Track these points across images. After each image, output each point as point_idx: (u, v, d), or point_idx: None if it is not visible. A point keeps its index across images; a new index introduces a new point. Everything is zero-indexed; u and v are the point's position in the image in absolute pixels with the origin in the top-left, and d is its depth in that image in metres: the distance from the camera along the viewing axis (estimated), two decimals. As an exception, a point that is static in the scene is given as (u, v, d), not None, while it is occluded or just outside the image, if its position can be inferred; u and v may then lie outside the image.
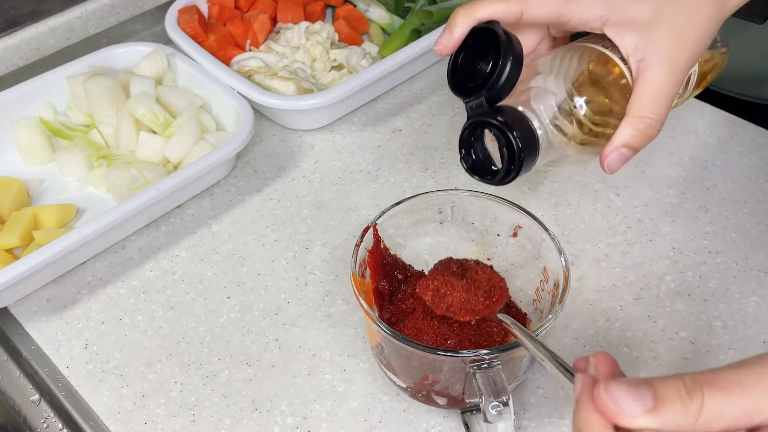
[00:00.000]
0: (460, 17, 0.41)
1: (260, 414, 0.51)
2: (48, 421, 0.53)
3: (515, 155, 0.42)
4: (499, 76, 0.40)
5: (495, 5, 0.41)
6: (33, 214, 0.62)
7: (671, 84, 0.43)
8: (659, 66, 0.42)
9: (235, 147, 0.64)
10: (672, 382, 0.29)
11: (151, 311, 0.58)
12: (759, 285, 0.59)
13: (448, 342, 0.48)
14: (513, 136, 0.41)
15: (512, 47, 0.40)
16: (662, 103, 0.43)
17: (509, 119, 0.42)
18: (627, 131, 0.44)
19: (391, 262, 0.53)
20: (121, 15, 0.88)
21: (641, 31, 0.42)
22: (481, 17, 0.41)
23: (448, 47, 0.41)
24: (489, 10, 0.41)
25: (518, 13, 0.40)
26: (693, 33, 0.43)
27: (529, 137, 0.42)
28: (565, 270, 0.48)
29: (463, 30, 0.41)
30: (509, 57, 0.39)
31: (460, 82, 0.43)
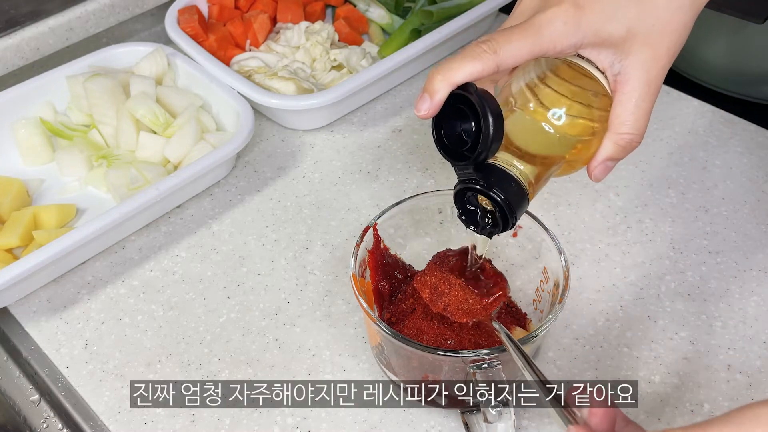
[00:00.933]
0: (438, 83, 0.41)
1: (260, 414, 0.51)
2: (48, 421, 0.53)
3: (506, 213, 0.43)
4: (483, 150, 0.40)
5: (470, 66, 0.41)
6: (33, 214, 0.62)
7: (648, 97, 0.43)
8: (636, 81, 0.43)
9: (235, 147, 0.64)
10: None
11: (151, 311, 0.58)
12: (759, 285, 0.59)
13: (448, 342, 0.48)
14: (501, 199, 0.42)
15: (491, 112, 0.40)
16: (641, 117, 0.44)
17: (494, 183, 0.42)
18: (609, 147, 0.44)
19: (391, 262, 0.53)
20: (121, 15, 0.88)
21: (615, 48, 0.43)
22: (459, 81, 0.41)
23: (429, 113, 0.42)
24: (467, 72, 0.40)
25: (494, 68, 0.41)
26: (667, 41, 0.43)
27: (516, 194, 0.43)
28: (565, 270, 0.48)
29: (443, 95, 0.41)
30: (489, 122, 0.40)
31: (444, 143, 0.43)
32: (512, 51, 0.41)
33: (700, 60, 0.82)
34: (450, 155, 0.43)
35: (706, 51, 0.81)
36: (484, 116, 0.39)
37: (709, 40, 0.79)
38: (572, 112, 0.44)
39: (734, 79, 0.81)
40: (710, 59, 0.81)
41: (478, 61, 0.40)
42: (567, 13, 0.41)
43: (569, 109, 0.44)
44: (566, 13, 0.41)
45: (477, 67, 0.40)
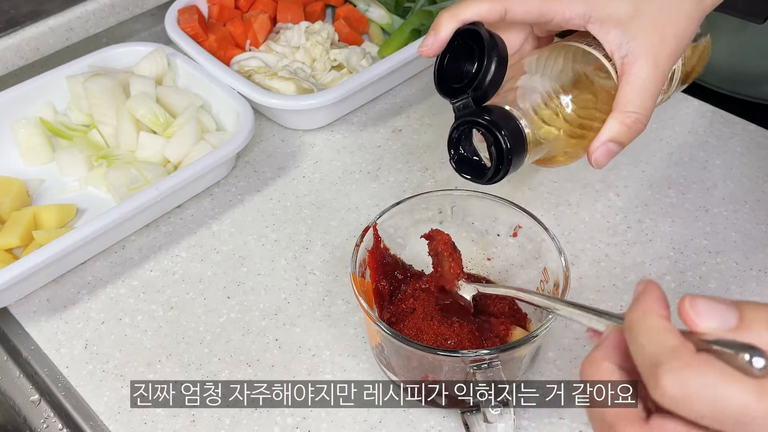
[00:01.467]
0: (445, 19, 0.42)
1: (260, 414, 0.51)
2: (48, 421, 0.53)
3: (503, 153, 0.42)
4: (484, 76, 0.40)
5: (479, 6, 0.41)
6: (33, 214, 0.62)
7: (656, 79, 0.43)
8: (643, 61, 0.43)
9: (235, 147, 0.64)
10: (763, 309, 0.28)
11: (151, 311, 0.58)
12: (759, 285, 0.59)
13: (448, 342, 0.48)
14: (500, 134, 0.41)
15: (496, 47, 0.40)
16: (648, 98, 0.43)
17: (496, 118, 0.42)
18: (614, 126, 0.44)
19: (391, 262, 0.53)
20: (121, 15, 0.88)
21: (623, 27, 0.43)
22: (466, 18, 0.41)
23: (432, 49, 0.42)
24: (473, 10, 0.41)
25: (501, 12, 0.41)
26: (674, 28, 0.43)
27: (516, 135, 0.42)
28: (565, 270, 0.48)
29: (449, 31, 0.41)
30: (494, 57, 0.40)
31: (447, 84, 0.43)
32: (522, 2, 0.41)
33: (700, 60, 0.82)
34: (450, 93, 0.43)
35: (706, 51, 0.81)
36: (491, 46, 0.39)
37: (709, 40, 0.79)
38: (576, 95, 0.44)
39: (734, 79, 0.81)
40: (710, 59, 0.81)
41: (486, 1, 0.41)
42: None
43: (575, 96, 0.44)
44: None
45: (484, 7, 0.41)
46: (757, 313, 0.28)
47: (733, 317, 0.28)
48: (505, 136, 0.41)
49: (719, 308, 0.28)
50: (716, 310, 0.28)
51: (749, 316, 0.28)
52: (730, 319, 0.28)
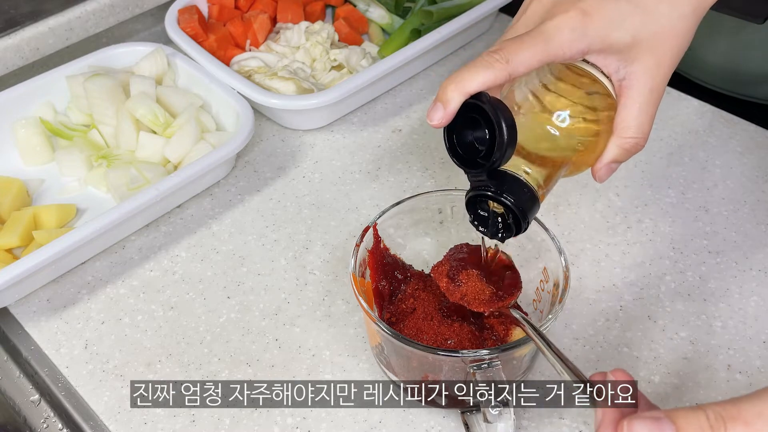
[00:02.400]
0: (451, 92, 0.41)
1: (260, 414, 0.51)
2: (48, 421, 0.53)
3: (519, 220, 0.43)
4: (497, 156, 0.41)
5: (483, 75, 0.41)
6: (33, 214, 0.62)
7: (652, 102, 0.45)
8: (641, 85, 0.44)
9: (235, 147, 0.64)
10: (694, 417, 0.30)
11: (151, 311, 0.58)
12: (759, 285, 0.59)
13: (448, 342, 0.48)
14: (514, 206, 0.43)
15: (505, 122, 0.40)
16: (645, 122, 0.45)
17: (506, 190, 0.43)
18: (614, 150, 0.45)
19: (391, 262, 0.53)
20: (121, 15, 0.88)
21: (621, 54, 0.44)
22: (472, 91, 0.41)
23: (442, 123, 0.42)
24: (479, 82, 0.41)
25: (506, 77, 0.41)
26: (671, 46, 0.44)
27: (529, 197, 0.43)
28: (565, 270, 0.48)
29: (456, 105, 0.41)
30: (504, 136, 0.40)
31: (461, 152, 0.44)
32: (523, 59, 0.41)
33: (700, 60, 0.82)
34: (463, 163, 0.43)
35: (706, 51, 0.81)
36: (499, 125, 0.40)
37: (709, 40, 0.79)
38: (577, 115, 0.45)
39: (734, 79, 0.81)
40: (710, 59, 0.81)
41: (490, 70, 0.41)
42: (574, 20, 0.42)
43: (574, 112, 0.45)
44: (573, 20, 0.42)
45: (489, 77, 0.41)
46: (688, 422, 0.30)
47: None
48: (518, 206, 0.43)
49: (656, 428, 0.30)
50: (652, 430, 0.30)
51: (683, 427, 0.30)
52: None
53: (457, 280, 0.48)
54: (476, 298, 0.47)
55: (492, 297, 0.47)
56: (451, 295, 0.48)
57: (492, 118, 0.40)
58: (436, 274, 0.49)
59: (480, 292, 0.47)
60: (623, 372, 0.35)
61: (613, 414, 0.33)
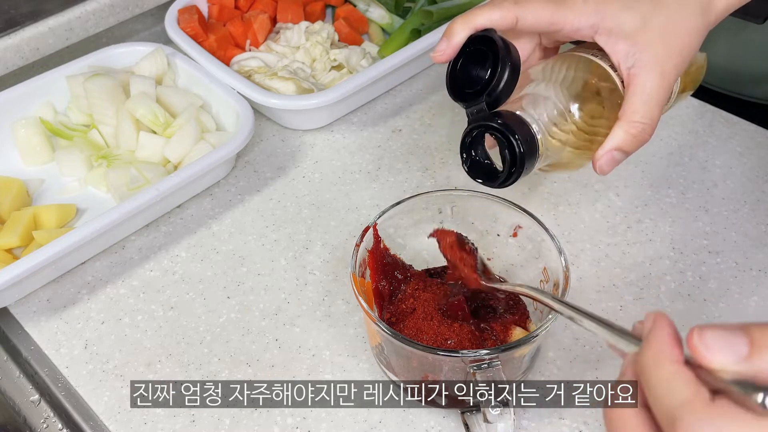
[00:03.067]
0: (458, 25, 0.42)
1: (260, 414, 0.51)
2: (48, 421, 0.53)
3: (516, 157, 0.42)
4: (498, 81, 0.41)
5: (491, 13, 0.42)
6: (33, 214, 0.62)
7: (662, 89, 0.44)
8: (650, 72, 0.44)
9: (235, 147, 0.64)
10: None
11: (151, 311, 0.58)
12: (759, 285, 0.59)
13: (448, 342, 0.48)
14: (514, 138, 0.42)
15: (510, 53, 0.41)
16: (654, 108, 0.44)
17: (510, 122, 0.42)
18: (619, 135, 0.45)
19: (391, 262, 0.53)
20: (121, 15, 0.88)
21: (631, 39, 0.44)
22: (479, 25, 0.42)
23: (446, 54, 0.42)
24: (486, 17, 0.42)
25: (513, 19, 0.42)
26: (680, 40, 0.44)
27: (529, 140, 0.43)
28: (565, 270, 0.48)
29: (462, 37, 0.42)
30: (507, 62, 0.40)
31: (459, 89, 0.44)
32: (533, 10, 0.42)
33: (700, 60, 0.82)
34: (463, 98, 0.43)
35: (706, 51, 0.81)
36: (505, 52, 0.40)
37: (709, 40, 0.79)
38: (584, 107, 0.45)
39: (734, 79, 0.81)
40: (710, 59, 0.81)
41: (498, 9, 0.42)
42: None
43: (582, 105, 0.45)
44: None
45: (496, 14, 0.41)
46: (764, 335, 0.28)
47: (743, 345, 0.28)
48: (519, 140, 0.42)
49: (728, 338, 0.28)
50: (726, 341, 0.28)
51: (759, 340, 0.28)
52: (741, 347, 0.28)
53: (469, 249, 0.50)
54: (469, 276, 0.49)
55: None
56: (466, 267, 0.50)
57: (498, 45, 0.40)
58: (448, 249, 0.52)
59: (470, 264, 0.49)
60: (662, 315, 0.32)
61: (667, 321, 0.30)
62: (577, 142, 0.46)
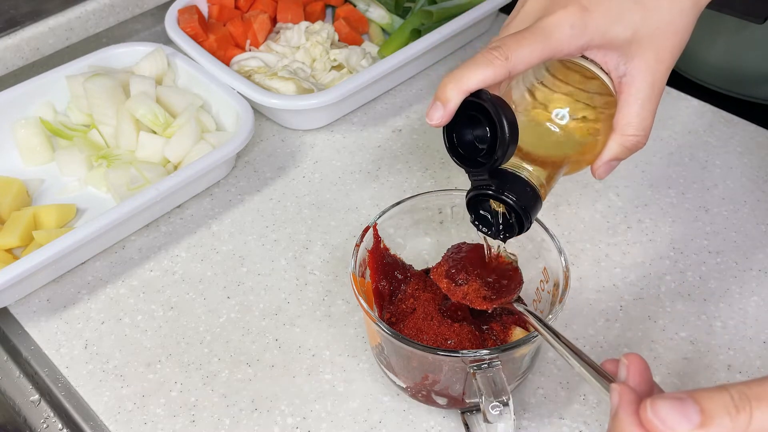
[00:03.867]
0: (451, 90, 0.41)
1: (260, 414, 0.51)
2: (48, 421, 0.53)
3: (522, 217, 0.43)
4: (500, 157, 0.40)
5: (482, 73, 0.40)
6: (33, 214, 0.62)
7: (653, 98, 0.44)
8: (641, 81, 0.44)
9: (235, 147, 0.64)
10: (719, 396, 0.29)
11: (151, 311, 0.58)
12: (759, 285, 0.59)
13: (448, 342, 0.48)
14: (517, 204, 0.43)
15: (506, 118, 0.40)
16: (646, 119, 0.44)
17: (508, 188, 0.43)
18: (614, 148, 0.45)
19: (391, 262, 0.53)
20: (121, 15, 0.88)
21: (621, 50, 0.43)
22: (471, 89, 0.40)
23: (442, 121, 0.42)
24: (478, 79, 0.40)
25: (505, 74, 0.41)
26: (671, 42, 0.44)
27: (530, 197, 0.43)
28: (565, 270, 0.48)
29: (456, 102, 0.41)
30: (506, 133, 0.40)
31: (457, 150, 0.43)
32: (523, 56, 0.41)
33: (700, 60, 0.82)
34: (463, 161, 0.43)
35: (706, 51, 0.81)
36: (500, 123, 0.39)
37: (709, 40, 0.79)
38: (577, 113, 0.45)
39: (734, 79, 0.81)
40: (710, 59, 0.81)
41: (489, 68, 0.40)
42: (574, 16, 0.42)
43: (574, 110, 0.44)
44: (573, 16, 0.42)
45: (489, 74, 0.40)
46: (712, 402, 0.29)
47: (695, 414, 0.29)
48: (522, 205, 0.42)
49: (680, 409, 0.29)
50: (678, 412, 0.29)
51: (708, 409, 0.29)
52: (693, 416, 0.29)
53: (457, 280, 0.48)
54: (478, 296, 0.47)
55: (493, 294, 0.47)
56: (453, 295, 0.48)
57: (493, 115, 0.40)
58: (435, 275, 0.49)
59: (480, 290, 0.47)
60: (636, 356, 0.34)
61: (630, 395, 0.32)
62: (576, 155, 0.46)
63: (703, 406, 0.29)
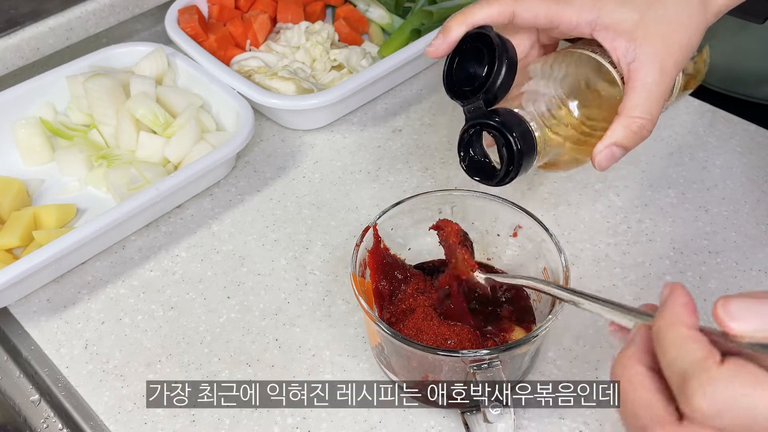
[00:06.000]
0: (455, 21, 0.42)
1: (260, 414, 0.51)
2: (48, 421, 0.53)
3: (514, 155, 0.42)
4: (495, 79, 0.41)
5: (488, 9, 0.42)
6: (33, 214, 0.62)
7: (662, 84, 0.44)
8: (649, 67, 0.43)
9: (235, 147, 0.64)
10: None
11: (151, 311, 0.58)
12: (759, 285, 0.59)
13: (448, 342, 0.48)
14: (512, 136, 0.42)
15: (507, 50, 0.41)
16: (654, 104, 0.44)
17: (507, 120, 0.42)
18: (619, 130, 0.44)
19: (391, 262, 0.53)
20: (121, 15, 0.88)
21: (630, 35, 0.43)
22: (476, 21, 0.41)
23: (441, 49, 0.42)
24: (483, 13, 0.41)
25: (510, 15, 0.41)
26: (679, 36, 0.44)
27: (527, 137, 0.43)
28: (565, 270, 0.48)
29: (458, 34, 0.42)
30: (504, 59, 0.40)
31: (457, 87, 0.43)
32: (530, 6, 0.41)
33: (700, 60, 0.82)
34: (460, 96, 0.43)
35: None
36: (501, 49, 0.40)
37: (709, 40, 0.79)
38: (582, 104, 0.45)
39: (734, 79, 0.81)
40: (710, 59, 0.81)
41: (495, 4, 0.41)
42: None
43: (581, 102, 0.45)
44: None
45: (494, 10, 0.41)
46: None
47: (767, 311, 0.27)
48: (516, 138, 0.42)
49: (752, 307, 0.28)
50: (750, 309, 0.28)
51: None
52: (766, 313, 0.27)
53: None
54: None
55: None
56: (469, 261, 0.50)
57: (494, 43, 0.40)
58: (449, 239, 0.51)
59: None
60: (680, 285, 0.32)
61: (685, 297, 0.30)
62: (577, 138, 0.46)
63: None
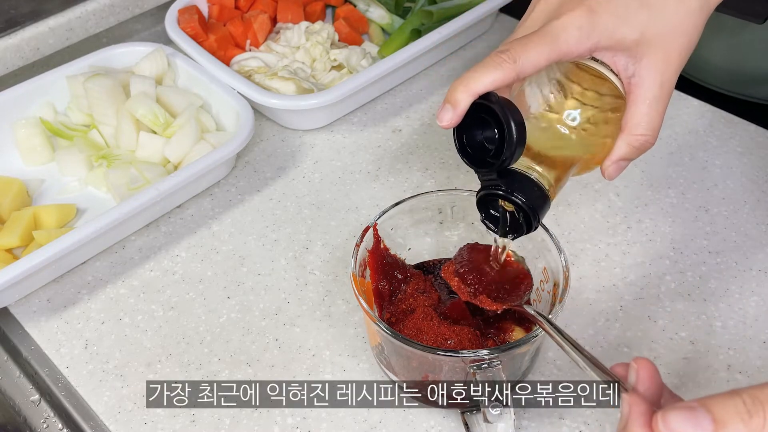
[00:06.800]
0: (460, 93, 0.41)
1: (260, 414, 0.51)
2: (48, 421, 0.53)
3: (530, 217, 0.44)
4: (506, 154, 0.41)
5: (491, 76, 0.41)
6: (33, 214, 0.62)
7: (662, 98, 0.44)
8: (650, 81, 0.44)
9: (235, 147, 0.64)
10: (731, 402, 0.29)
11: (151, 311, 0.58)
12: (759, 285, 0.59)
13: (448, 342, 0.48)
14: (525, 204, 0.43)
15: (513, 120, 0.40)
16: (655, 118, 0.44)
17: (516, 187, 0.43)
18: (623, 148, 0.45)
19: (391, 262, 0.53)
20: (121, 15, 0.88)
21: (629, 51, 0.43)
22: (480, 91, 0.41)
23: (452, 123, 0.42)
24: (487, 82, 0.41)
25: (514, 77, 0.41)
26: (679, 42, 0.44)
27: (539, 198, 0.44)
28: (565, 270, 0.48)
29: (465, 105, 0.41)
30: (514, 134, 0.40)
31: (466, 150, 0.44)
32: (531, 59, 0.41)
33: (700, 60, 0.82)
34: (473, 162, 0.44)
35: (706, 51, 0.81)
36: (508, 124, 0.40)
37: (709, 40, 0.79)
38: (587, 114, 0.45)
39: (734, 79, 0.81)
40: (710, 59, 0.81)
41: (498, 70, 0.41)
42: (581, 18, 0.42)
43: (584, 111, 0.45)
44: (580, 18, 0.42)
45: (498, 77, 0.41)
46: (724, 409, 0.29)
47: (707, 423, 0.29)
48: (529, 204, 0.43)
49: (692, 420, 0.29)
50: (690, 422, 0.29)
51: (720, 416, 0.29)
52: (706, 425, 0.29)
53: (467, 279, 0.48)
54: (489, 296, 0.47)
55: (503, 295, 0.47)
56: (462, 294, 0.48)
57: (501, 117, 0.40)
58: (446, 274, 0.49)
59: (492, 291, 0.48)
60: (646, 361, 0.34)
61: (641, 406, 0.32)
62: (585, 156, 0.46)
63: (715, 413, 0.29)
